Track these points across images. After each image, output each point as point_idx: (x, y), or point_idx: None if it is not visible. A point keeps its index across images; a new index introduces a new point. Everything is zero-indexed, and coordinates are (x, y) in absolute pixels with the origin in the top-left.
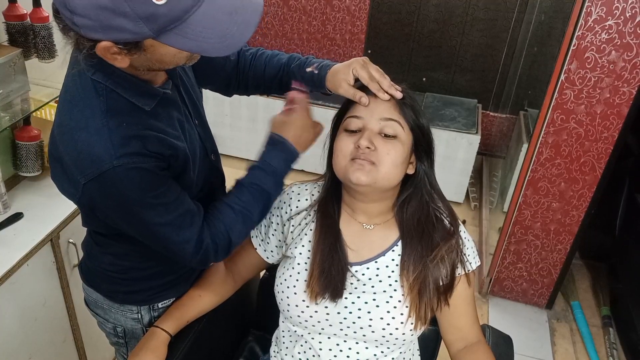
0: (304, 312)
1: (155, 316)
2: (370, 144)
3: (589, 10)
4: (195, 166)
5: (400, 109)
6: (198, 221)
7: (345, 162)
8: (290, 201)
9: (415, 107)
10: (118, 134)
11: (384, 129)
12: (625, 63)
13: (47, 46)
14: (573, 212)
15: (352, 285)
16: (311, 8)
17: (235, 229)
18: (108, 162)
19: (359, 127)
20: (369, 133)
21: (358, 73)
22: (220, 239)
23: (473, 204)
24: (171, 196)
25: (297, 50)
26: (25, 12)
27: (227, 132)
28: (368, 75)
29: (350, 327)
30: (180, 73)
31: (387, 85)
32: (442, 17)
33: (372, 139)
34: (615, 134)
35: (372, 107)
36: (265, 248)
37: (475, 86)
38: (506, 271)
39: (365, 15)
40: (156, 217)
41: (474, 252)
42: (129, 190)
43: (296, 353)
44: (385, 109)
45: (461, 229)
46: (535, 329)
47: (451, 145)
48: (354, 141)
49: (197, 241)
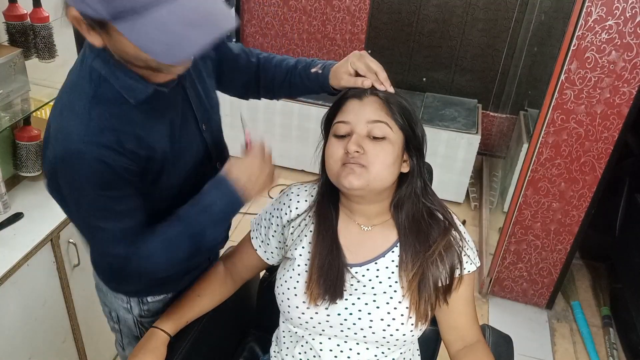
0: (305, 313)
1: (145, 309)
2: (359, 147)
3: (589, 10)
4: (181, 170)
5: (388, 109)
6: (135, 242)
7: (337, 168)
8: (290, 202)
9: (402, 105)
10: (96, 122)
11: (372, 131)
12: (626, 63)
13: (47, 46)
14: (573, 212)
15: (353, 287)
16: (311, 8)
17: (155, 259)
18: (77, 143)
19: (348, 132)
20: (357, 137)
21: (356, 65)
22: (138, 263)
23: (473, 204)
24: (124, 205)
25: (297, 50)
26: (25, 12)
27: (227, 132)
28: (365, 67)
29: (351, 328)
30: (194, 76)
31: (384, 77)
32: (442, 17)
33: (361, 142)
34: (615, 134)
35: (358, 110)
36: (266, 249)
37: (475, 86)
38: (506, 271)
39: (365, 15)
40: (100, 219)
41: (474, 253)
42: (85, 179)
43: (297, 353)
44: (372, 111)
45: (462, 229)
46: (535, 329)
47: (451, 145)
48: (343, 146)
49: (123, 259)
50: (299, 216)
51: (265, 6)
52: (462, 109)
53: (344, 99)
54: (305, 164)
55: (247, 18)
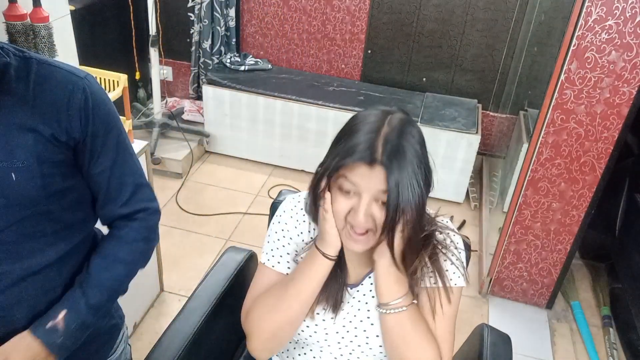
0: (304, 330)
1: None
2: (368, 219)
3: (589, 10)
4: None
5: (389, 178)
6: None
7: (341, 225)
8: (306, 222)
9: (405, 164)
10: None
11: (381, 198)
12: (625, 63)
13: (47, 46)
14: (573, 212)
15: (349, 304)
16: (311, 8)
17: None
18: None
19: (354, 190)
20: (367, 207)
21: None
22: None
23: (473, 204)
24: None
25: (297, 50)
26: (25, 12)
27: (227, 132)
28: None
29: (348, 345)
30: None
31: None
32: (442, 17)
33: (370, 210)
34: (615, 134)
35: (369, 178)
36: (288, 265)
37: (475, 86)
38: (506, 271)
39: (365, 15)
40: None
41: (460, 271)
42: None
43: (297, 355)
44: (380, 181)
45: (456, 239)
46: (535, 329)
47: (451, 145)
48: (348, 207)
49: (155, 206)
50: (311, 231)
51: (265, 6)
52: (462, 109)
53: (351, 158)
54: (305, 164)
55: (247, 18)
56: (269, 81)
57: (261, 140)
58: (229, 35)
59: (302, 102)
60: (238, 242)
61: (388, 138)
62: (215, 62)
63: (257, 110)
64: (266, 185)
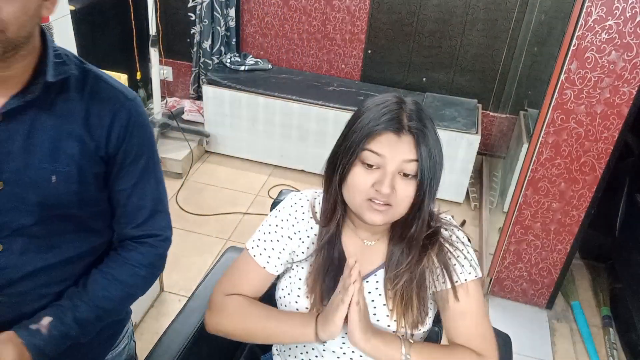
0: None
1: None
2: (391, 189)
3: (589, 10)
4: None
5: (420, 146)
6: None
7: (360, 200)
8: (304, 216)
9: (430, 139)
10: None
11: (404, 169)
12: (626, 63)
13: None
14: (573, 212)
15: None
16: (311, 8)
17: None
18: None
19: (378, 164)
20: (390, 177)
21: None
22: None
23: (473, 204)
24: None
25: (297, 50)
26: None
27: (227, 132)
28: None
29: (347, 343)
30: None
31: None
32: (442, 17)
33: (392, 180)
34: (615, 134)
35: (395, 146)
36: (275, 263)
37: (475, 86)
38: (506, 271)
39: (365, 15)
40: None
41: (470, 262)
42: None
43: (298, 353)
44: (409, 150)
45: (460, 235)
46: (535, 329)
47: (451, 145)
48: (372, 180)
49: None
50: (308, 230)
51: (265, 6)
52: (462, 109)
53: (378, 127)
54: (305, 163)
55: (247, 18)
56: (269, 81)
57: (261, 140)
58: (229, 35)
59: (302, 102)
60: (238, 242)
61: (411, 109)
62: (215, 62)
63: (257, 110)
64: (266, 185)
